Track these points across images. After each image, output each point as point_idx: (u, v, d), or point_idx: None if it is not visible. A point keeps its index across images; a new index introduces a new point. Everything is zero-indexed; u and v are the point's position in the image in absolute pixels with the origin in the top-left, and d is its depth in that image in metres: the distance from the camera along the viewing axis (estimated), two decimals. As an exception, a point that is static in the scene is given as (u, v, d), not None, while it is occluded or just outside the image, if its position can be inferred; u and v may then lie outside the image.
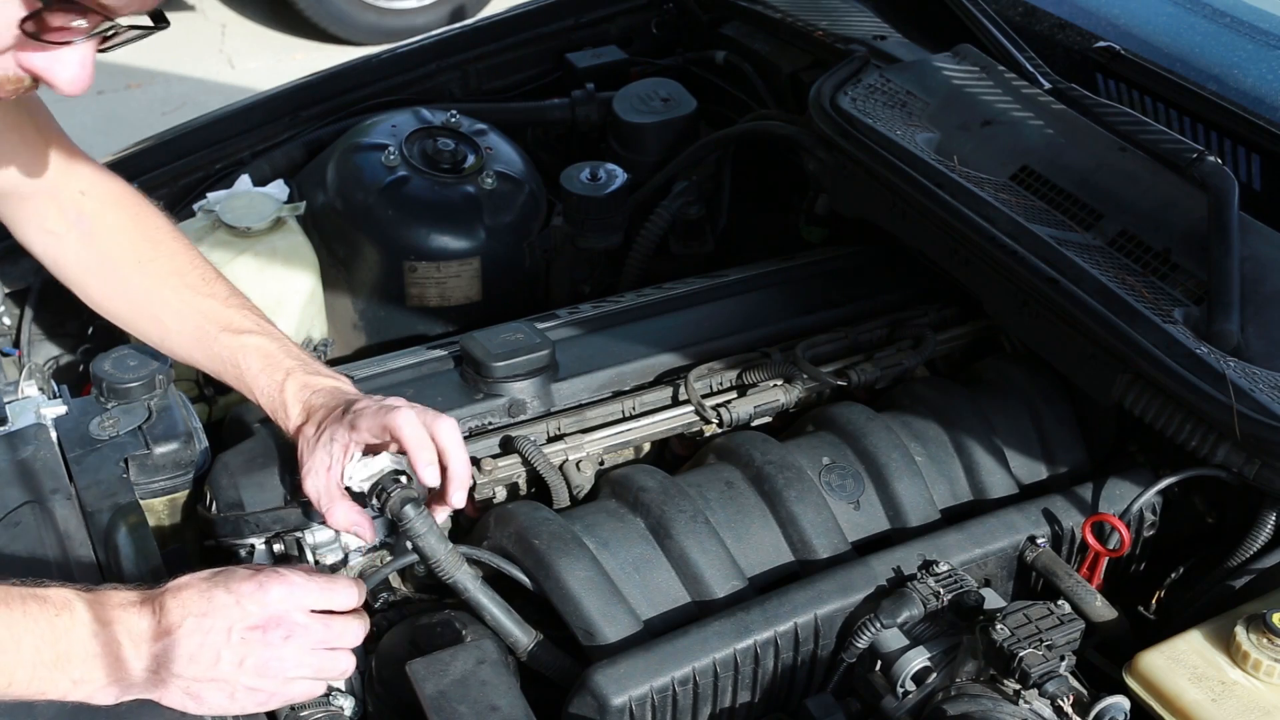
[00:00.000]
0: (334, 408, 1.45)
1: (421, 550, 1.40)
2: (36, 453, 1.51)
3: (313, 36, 5.40)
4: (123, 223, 1.57)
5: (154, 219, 1.59)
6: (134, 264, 1.56)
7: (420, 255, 2.14)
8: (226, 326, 1.52)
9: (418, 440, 1.40)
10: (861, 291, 1.97)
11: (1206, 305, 1.60)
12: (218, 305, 1.54)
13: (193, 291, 1.55)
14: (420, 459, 1.40)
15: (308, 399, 1.48)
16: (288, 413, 1.48)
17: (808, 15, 2.36)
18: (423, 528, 1.39)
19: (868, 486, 1.64)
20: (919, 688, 1.39)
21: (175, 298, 1.54)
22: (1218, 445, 1.51)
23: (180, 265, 1.56)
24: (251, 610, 1.22)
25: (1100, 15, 2.17)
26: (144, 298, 1.56)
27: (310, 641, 1.25)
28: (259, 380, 1.50)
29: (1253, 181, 1.85)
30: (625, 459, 1.76)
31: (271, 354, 1.51)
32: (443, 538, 1.41)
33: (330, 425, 1.43)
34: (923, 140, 1.93)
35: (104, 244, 1.56)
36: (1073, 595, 1.48)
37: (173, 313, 1.55)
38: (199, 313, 1.54)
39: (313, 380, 1.50)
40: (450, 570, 1.41)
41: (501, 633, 1.42)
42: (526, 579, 1.47)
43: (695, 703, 1.39)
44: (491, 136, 2.29)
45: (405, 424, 1.40)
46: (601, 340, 1.83)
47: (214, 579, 1.24)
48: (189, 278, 1.55)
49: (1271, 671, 1.31)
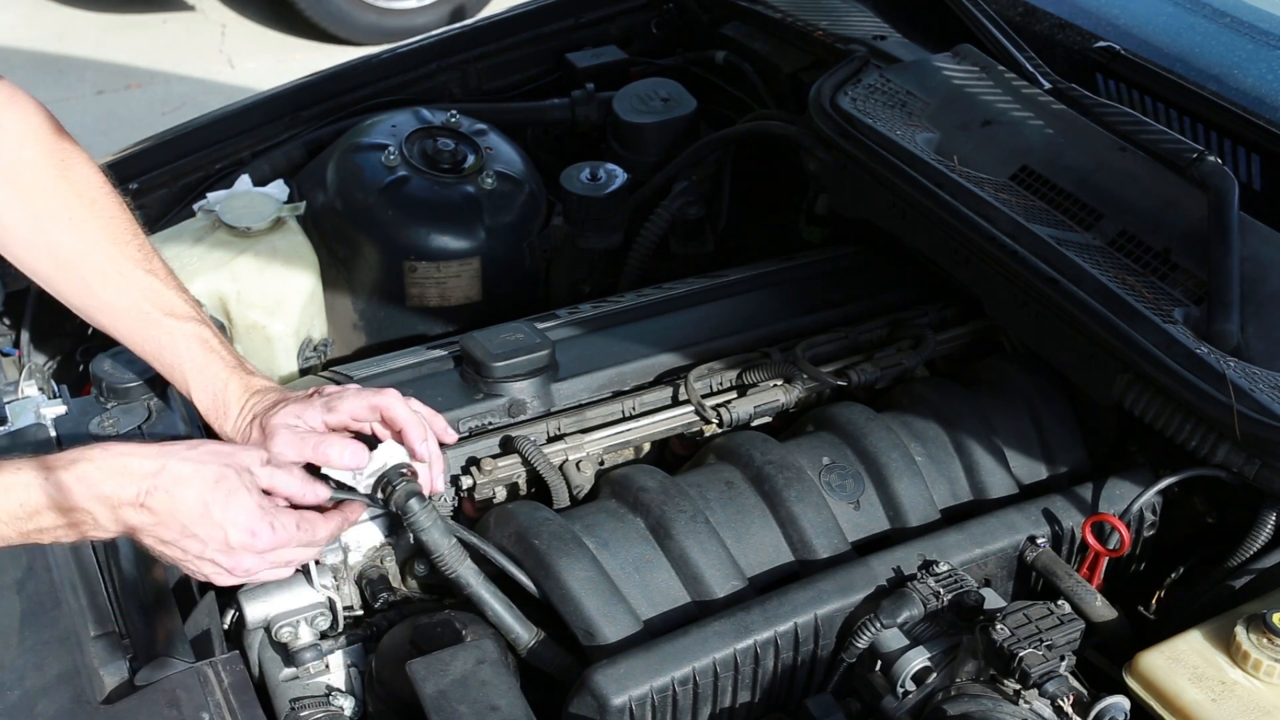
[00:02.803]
0: (277, 403, 1.41)
1: (426, 544, 1.41)
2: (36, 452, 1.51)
3: (313, 36, 5.40)
4: (47, 165, 1.44)
5: (83, 169, 1.47)
6: (65, 221, 1.43)
7: (420, 255, 2.14)
8: (169, 311, 1.44)
9: (411, 419, 1.41)
10: (861, 291, 1.97)
11: (1206, 305, 1.60)
12: (159, 284, 1.45)
13: (133, 265, 1.44)
14: (415, 435, 1.41)
15: (250, 401, 1.43)
16: (227, 412, 1.43)
17: (808, 15, 2.36)
18: (427, 521, 1.40)
19: (868, 486, 1.64)
20: (919, 688, 1.39)
21: (112, 268, 1.44)
22: (1218, 445, 1.51)
23: (118, 232, 1.45)
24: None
25: (1100, 15, 2.17)
26: (74, 260, 1.44)
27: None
28: (200, 375, 1.43)
29: (1253, 181, 1.85)
30: (625, 459, 1.76)
31: (214, 348, 1.45)
32: (446, 532, 1.42)
33: (293, 407, 1.39)
34: (923, 140, 1.93)
35: (26, 187, 1.43)
36: (1073, 595, 1.48)
37: (109, 284, 1.44)
38: (139, 289, 1.44)
39: (254, 381, 1.45)
40: (454, 565, 1.41)
41: (503, 629, 1.42)
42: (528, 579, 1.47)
43: (695, 703, 1.39)
44: (491, 136, 2.29)
45: (396, 403, 1.40)
46: (601, 340, 1.83)
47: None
48: (128, 248, 1.45)
49: (1271, 671, 1.31)
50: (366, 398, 1.41)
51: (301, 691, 1.45)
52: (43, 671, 1.28)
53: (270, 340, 2.08)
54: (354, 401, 1.40)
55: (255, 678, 1.45)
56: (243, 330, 2.07)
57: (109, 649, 1.32)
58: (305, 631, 1.44)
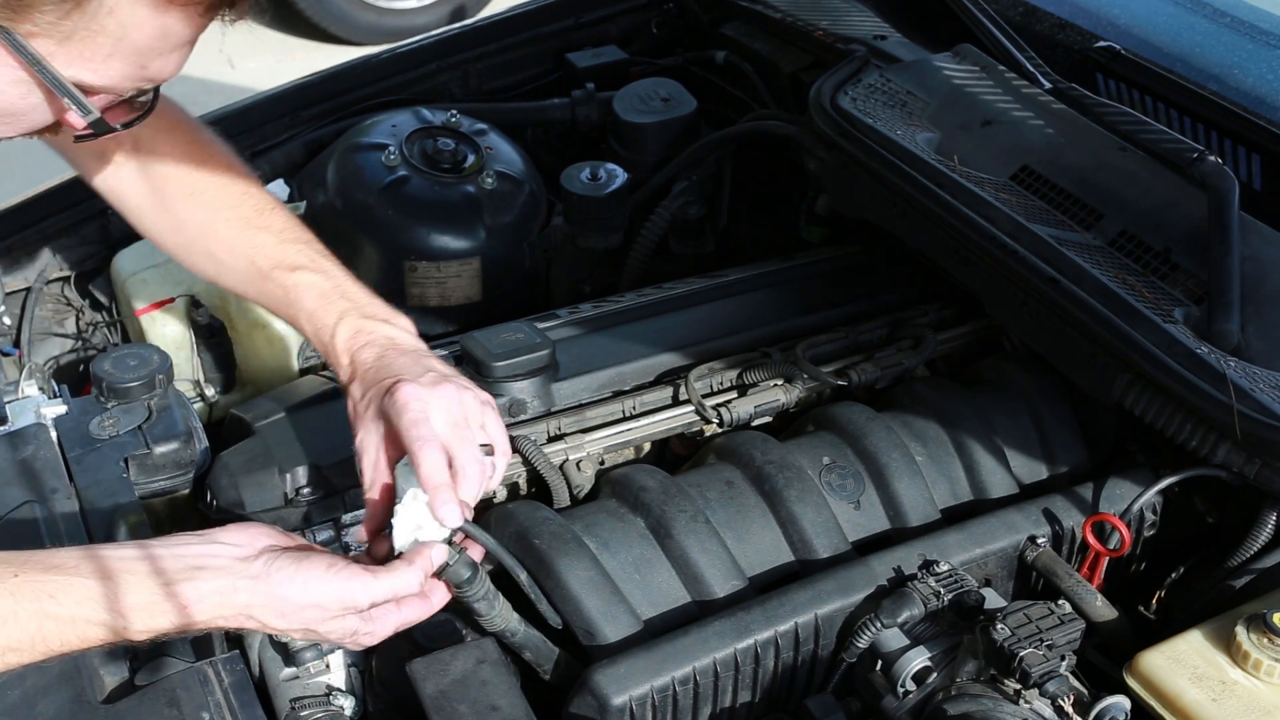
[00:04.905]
0: (381, 378, 1.34)
1: (478, 611, 1.35)
2: (36, 452, 1.52)
3: (313, 36, 5.40)
4: (176, 151, 1.48)
5: (210, 147, 1.51)
6: (185, 195, 1.47)
7: (420, 255, 2.14)
8: (279, 263, 1.44)
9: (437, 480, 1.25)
10: (861, 291, 1.97)
11: (1207, 305, 1.60)
12: (271, 239, 1.45)
13: (246, 224, 1.46)
14: (439, 499, 1.24)
15: (357, 351, 1.38)
16: (339, 363, 1.40)
17: (808, 15, 2.36)
18: (481, 591, 1.33)
19: (868, 486, 1.64)
20: (919, 687, 1.39)
21: (228, 231, 1.46)
22: (1218, 445, 1.51)
23: (234, 196, 1.47)
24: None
25: (1100, 15, 2.17)
26: (196, 231, 1.48)
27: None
28: (311, 323, 1.41)
29: (1253, 181, 1.85)
30: (625, 459, 1.76)
31: (325, 293, 1.41)
32: (496, 594, 1.36)
33: (375, 403, 1.32)
34: (923, 140, 1.93)
35: (157, 174, 1.48)
36: (1073, 595, 1.48)
37: (226, 248, 1.46)
38: (252, 247, 1.45)
39: (365, 326, 1.39)
40: (501, 624, 1.38)
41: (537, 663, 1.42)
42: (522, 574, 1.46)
43: (695, 702, 1.39)
44: (491, 136, 2.29)
45: (426, 461, 1.24)
46: (601, 340, 1.83)
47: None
48: (243, 209, 1.47)
49: (1272, 671, 1.31)
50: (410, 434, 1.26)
51: (302, 691, 1.44)
52: (43, 671, 1.27)
53: (271, 340, 2.08)
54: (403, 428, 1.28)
55: (255, 677, 1.45)
56: (243, 330, 2.06)
57: (109, 649, 1.32)
58: (305, 631, 1.43)
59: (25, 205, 2.12)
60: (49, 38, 1.04)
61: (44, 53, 1.04)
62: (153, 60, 1.09)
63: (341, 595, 1.19)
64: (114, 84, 1.10)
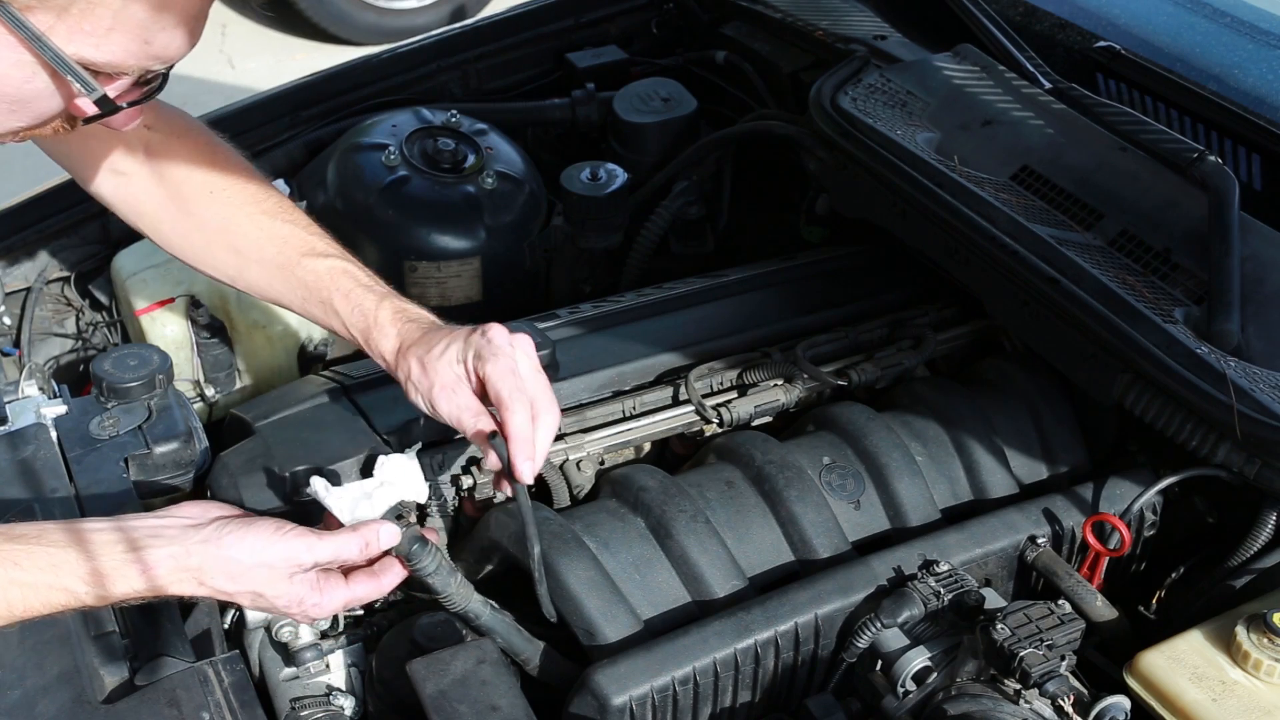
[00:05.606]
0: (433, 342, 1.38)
1: (433, 587, 1.37)
2: (36, 452, 1.51)
3: (313, 36, 5.40)
4: (190, 154, 1.49)
5: (222, 149, 1.53)
6: (205, 194, 1.48)
7: (420, 255, 2.14)
8: (309, 251, 1.46)
9: (523, 434, 1.32)
10: (861, 291, 1.97)
11: (1207, 305, 1.60)
12: (298, 231, 1.47)
13: (270, 218, 1.48)
14: (520, 453, 1.32)
15: (403, 325, 1.42)
16: (384, 333, 1.42)
17: (808, 15, 2.36)
18: (432, 565, 1.35)
19: (868, 486, 1.64)
20: (919, 687, 1.39)
21: (252, 225, 1.48)
22: (1218, 445, 1.51)
23: (255, 193, 1.49)
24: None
25: (1100, 15, 2.17)
26: (218, 228, 1.49)
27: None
28: (349, 302, 1.43)
29: (1253, 181, 1.85)
30: (625, 459, 1.76)
31: (360, 278, 1.45)
32: (452, 570, 1.39)
33: (462, 342, 1.36)
34: (923, 140, 1.93)
35: (173, 177, 1.49)
36: (1073, 595, 1.48)
37: (250, 242, 1.48)
38: (279, 239, 1.47)
39: (407, 307, 1.44)
40: (461, 603, 1.39)
41: (512, 652, 1.42)
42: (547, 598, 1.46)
43: (696, 702, 1.39)
44: (491, 136, 2.29)
45: (516, 414, 1.32)
46: (601, 340, 1.83)
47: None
48: (265, 204, 1.49)
49: (1272, 671, 1.31)
50: (501, 383, 1.33)
51: (302, 691, 1.45)
52: (43, 671, 1.28)
53: (271, 340, 2.08)
54: (493, 375, 1.34)
55: (255, 677, 1.45)
56: (243, 330, 2.07)
57: (109, 649, 1.32)
58: (306, 631, 1.44)
59: (25, 205, 2.12)
60: (46, 10, 1.03)
61: (43, 27, 1.04)
62: (156, 34, 1.08)
63: (287, 554, 1.24)
64: (118, 60, 1.08)
